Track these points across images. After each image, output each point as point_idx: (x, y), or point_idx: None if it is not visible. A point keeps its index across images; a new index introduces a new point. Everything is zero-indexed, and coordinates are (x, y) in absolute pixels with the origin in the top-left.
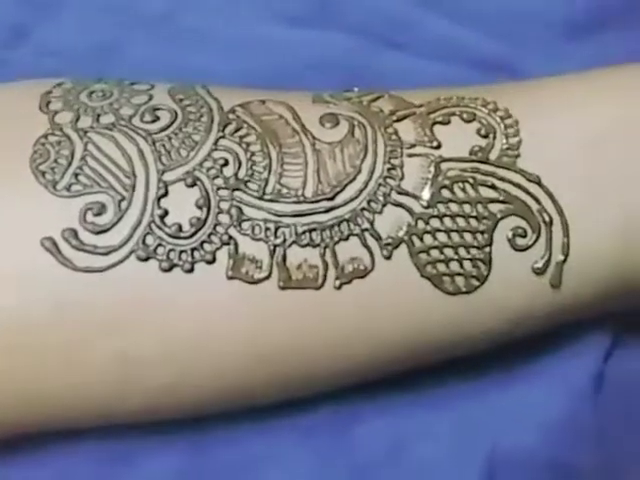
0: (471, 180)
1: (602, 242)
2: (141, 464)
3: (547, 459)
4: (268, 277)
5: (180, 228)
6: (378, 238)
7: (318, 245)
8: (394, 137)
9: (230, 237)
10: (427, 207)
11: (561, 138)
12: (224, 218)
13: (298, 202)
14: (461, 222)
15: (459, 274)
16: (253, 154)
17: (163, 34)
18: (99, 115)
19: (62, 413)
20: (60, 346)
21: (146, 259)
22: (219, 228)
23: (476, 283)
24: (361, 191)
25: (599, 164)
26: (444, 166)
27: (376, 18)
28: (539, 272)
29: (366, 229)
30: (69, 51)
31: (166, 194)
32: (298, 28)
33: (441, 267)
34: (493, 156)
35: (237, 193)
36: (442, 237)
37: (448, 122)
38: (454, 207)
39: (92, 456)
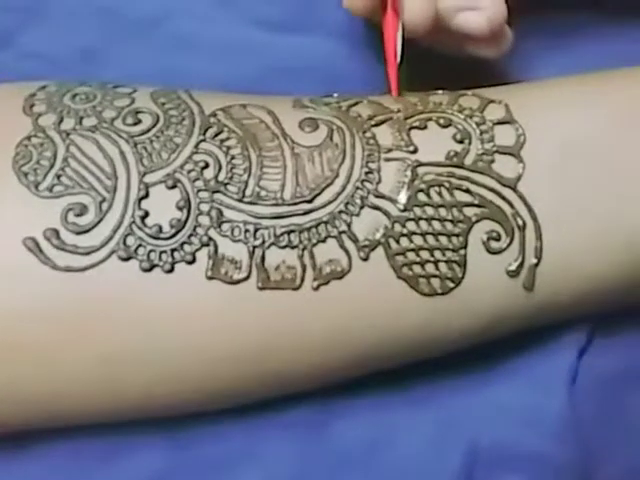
0: (447, 184)
1: (576, 247)
2: (121, 462)
3: (525, 452)
4: (247, 278)
5: (160, 229)
6: (355, 240)
7: (296, 247)
8: (372, 141)
9: (210, 238)
10: (404, 210)
11: (538, 144)
12: (204, 220)
13: (277, 204)
14: (437, 225)
15: (435, 276)
16: (233, 157)
17: (148, 39)
18: (82, 117)
19: (42, 413)
20: (38, 345)
21: (127, 259)
22: (199, 229)
23: (451, 285)
24: (339, 194)
25: (575, 171)
26: (420, 170)
27: (357, 22)
28: (513, 275)
29: (344, 231)
30: (53, 55)
31: (147, 196)
32: (280, 33)
33: (417, 269)
34: (468, 161)
35: (217, 195)
36: (418, 240)
37: (425, 127)
38: (430, 210)
39: (72, 454)
